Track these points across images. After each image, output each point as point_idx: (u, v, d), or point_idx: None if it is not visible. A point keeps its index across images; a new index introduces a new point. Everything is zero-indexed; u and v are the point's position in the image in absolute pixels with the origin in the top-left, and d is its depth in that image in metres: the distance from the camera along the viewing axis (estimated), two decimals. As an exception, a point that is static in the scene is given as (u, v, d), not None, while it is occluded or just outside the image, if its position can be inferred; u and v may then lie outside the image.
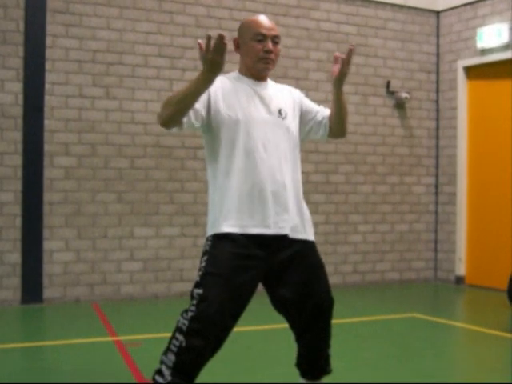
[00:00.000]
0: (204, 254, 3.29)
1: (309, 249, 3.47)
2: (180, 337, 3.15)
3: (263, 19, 3.39)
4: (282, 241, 3.35)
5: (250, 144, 3.29)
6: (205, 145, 3.44)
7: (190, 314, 3.15)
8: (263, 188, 3.28)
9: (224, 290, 3.17)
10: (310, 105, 3.62)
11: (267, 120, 3.36)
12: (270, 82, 3.52)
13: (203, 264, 3.25)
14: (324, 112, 3.61)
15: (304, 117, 3.58)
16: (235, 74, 3.49)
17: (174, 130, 3.25)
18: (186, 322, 3.15)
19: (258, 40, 3.34)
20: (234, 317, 3.24)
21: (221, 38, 2.98)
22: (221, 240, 3.26)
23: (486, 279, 8.62)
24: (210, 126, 3.32)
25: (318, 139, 3.73)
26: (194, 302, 3.17)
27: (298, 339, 3.59)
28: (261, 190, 3.28)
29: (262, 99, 3.39)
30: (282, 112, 3.42)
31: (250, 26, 3.38)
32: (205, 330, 3.13)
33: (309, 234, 3.49)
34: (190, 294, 3.23)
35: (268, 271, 3.37)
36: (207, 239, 3.34)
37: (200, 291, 3.17)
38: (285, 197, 3.35)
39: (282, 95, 3.50)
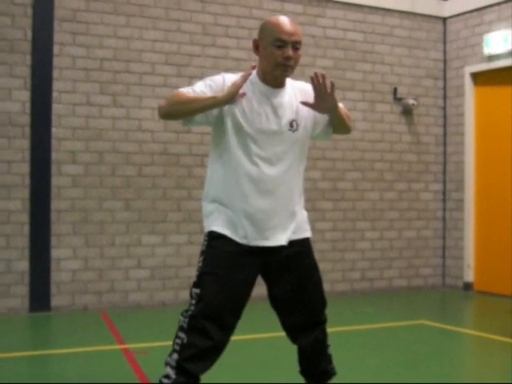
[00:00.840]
0: (201, 253, 3.35)
1: (305, 248, 3.50)
2: (182, 334, 3.23)
3: (285, 23, 3.24)
4: (279, 247, 3.38)
5: (257, 160, 3.28)
6: (212, 142, 3.42)
7: (189, 312, 3.24)
8: (265, 202, 3.30)
9: (221, 289, 3.21)
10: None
11: (277, 133, 3.31)
12: (287, 86, 3.39)
13: (200, 264, 3.31)
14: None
15: (316, 118, 3.47)
16: (253, 74, 3.35)
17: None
18: (186, 320, 3.23)
19: (277, 46, 3.20)
20: (233, 314, 3.29)
21: (253, 67, 3.06)
22: (217, 239, 3.31)
23: (494, 285, 8.58)
24: (220, 127, 3.30)
25: (322, 138, 3.68)
26: (193, 301, 3.24)
27: (295, 342, 3.60)
28: (263, 205, 3.30)
29: (276, 110, 3.30)
30: (294, 124, 3.35)
31: (270, 29, 3.24)
32: (204, 328, 3.18)
33: (305, 232, 3.51)
34: (189, 294, 3.27)
35: (265, 267, 3.40)
36: (205, 236, 3.39)
37: (197, 291, 3.23)
38: (285, 210, 3.38)
39: (296, 100, 3.37)
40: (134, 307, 7.45)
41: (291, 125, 3.35)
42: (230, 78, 3.24)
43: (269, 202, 3.31)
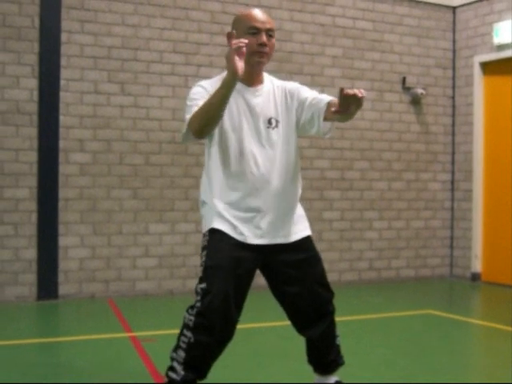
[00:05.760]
0: (203, 249, 3.34)
1: (305, 243, 3.48)
2: (188, 333, 3.21)
3: (257, 12, 3.32)
4: (279, 246, 3.39)
5: (241, 159, 3.29)
6: (205, 147, 3.47)
7: (195, 309, 3.21)
8: (255, 202, 3.31)
9: (226, 282, 3.21)
10: (303, 100, 3.36)
11: (256, 132, 3.32)
12: (265, 83, 3.42)
13: (203, 259, 3.30)
14: (318, 106, 3.27)
15: (297, 112, 3.41)
16: None
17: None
18: (192, 318, 3.21)
19: (251, 33, 3.25)
20: (237, 307, 3.30)
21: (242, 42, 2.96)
22: (217, 233, 3.30)
23: (502, 276, 8.55)
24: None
25: (315, 135, 3.47)
26: (199, 297, 3.23)
27: (303, 333, 3.59)
28: (253, 204, 3.31)
29: (252, 110, 3.31)
30: (272, 121, 3.35)
31: (243, 19, 3.31)
32: (211, 324, 3.18)
33: (303, 231, 3.49)
34: (195, 290, 3.26)
35: (265, 265, 3.41)
36: (204, 235, 3.37)
37: (203, 286, 3.22)
38: (276, 208, 3.36)
39: (275, 98, 3.39)
40: (142, 296, 7.46)
41: (269, 122, 3.35)
42: (206, 83, 3.35)
43: (259, 201, 3.31)
